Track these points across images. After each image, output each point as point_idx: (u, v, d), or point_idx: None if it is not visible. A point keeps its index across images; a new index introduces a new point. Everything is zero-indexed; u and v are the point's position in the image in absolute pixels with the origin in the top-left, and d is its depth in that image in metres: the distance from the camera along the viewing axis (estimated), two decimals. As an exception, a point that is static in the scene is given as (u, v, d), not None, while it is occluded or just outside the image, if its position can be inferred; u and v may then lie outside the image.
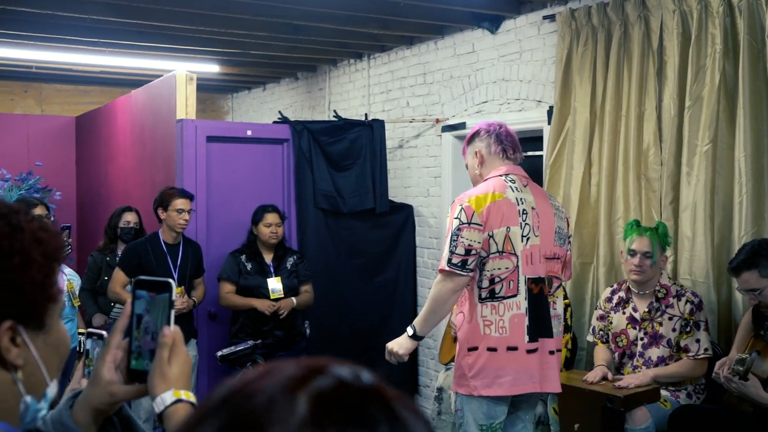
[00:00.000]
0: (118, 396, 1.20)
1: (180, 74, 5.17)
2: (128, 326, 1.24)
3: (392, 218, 5.83)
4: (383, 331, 5.87)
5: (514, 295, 2.96)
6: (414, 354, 6.00)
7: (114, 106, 6.65)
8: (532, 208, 3.05)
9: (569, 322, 4.04)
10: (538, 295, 3.01)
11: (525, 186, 3.12)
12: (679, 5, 3.90)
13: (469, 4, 4.94)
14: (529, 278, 2.99)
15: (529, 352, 2.97)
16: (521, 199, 3.04)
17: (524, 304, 2.97)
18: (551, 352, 3.05)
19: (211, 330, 5.11)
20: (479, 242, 2.93)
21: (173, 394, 1.17)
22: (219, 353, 3.12)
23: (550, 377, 3.05)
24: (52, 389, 1.06)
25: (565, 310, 4.01)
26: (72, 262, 6.21)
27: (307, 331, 4.99)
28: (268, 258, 4.80)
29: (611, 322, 3.80)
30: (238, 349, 3.12)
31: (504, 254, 2.96)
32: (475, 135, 3.23)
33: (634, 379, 3.48)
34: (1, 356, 0.98)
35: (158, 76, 6.69)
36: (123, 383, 1.21)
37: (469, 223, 2.93)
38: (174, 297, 1.24)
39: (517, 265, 2.97)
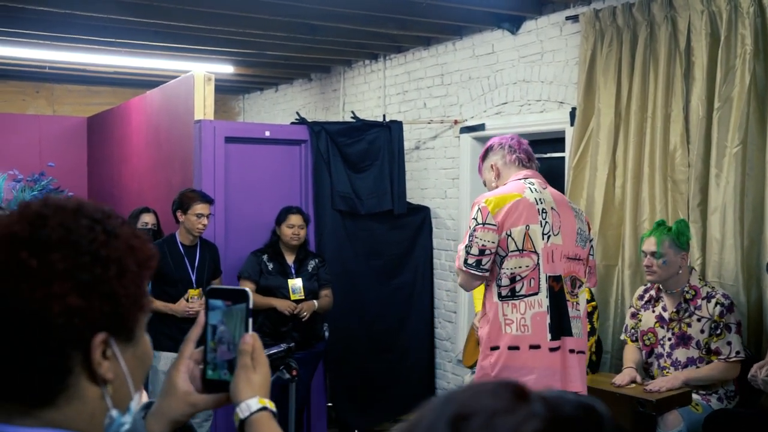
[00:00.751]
0: (199, 406, 1.17)
1: (198, 75, 5.14)
2: (201, 336, 1.22)
3: (409, 220, 5.80)
4: (401, 333, 5.85)
5: (536, 293, 2.96)
6: (431, 356, 6.00)
7: (128, 107, 6.62)
8: (552, 209, 3.06)
9: (595, 325, 4.00)
10: (559, 292, 3.01)
11: (544, 189, 3.13)
12: (707, 6, 3.87)
13: (490, 4, 4.90)
14: (549, 276, 2.99)
15: (551, 350, 2.96)
16: (540, 199, 3.05)
17: (546, 302, 2.97)
18: (571, 351, 3.03)
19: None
20: (494, 242, 2.94)
21: (258, 401, 1.15)
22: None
23: (573, 376, 3.03)
24: (135, 402, 1.02)
25: (591, 314, 3.98)
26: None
27: (326, 334, 4.96)
28: (290, 259, 4.77)
29: (641, 320, 3.78)
30: (271, 352, 3.08)
31: (524, 252, 2.96)
32: (489, 150, 3.27)
33: (664, 382, 3.44)
34: (92, 370, 0.93)
35: (171, 77, 6.68)
36: (199, 392, 1.19)
37: (483, 224, 2.96)
38: (250, 305, 1.22)
39: (538, 263, 2.97)
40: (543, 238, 2.99)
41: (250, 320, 1.21)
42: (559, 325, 2.99)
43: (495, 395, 0.58)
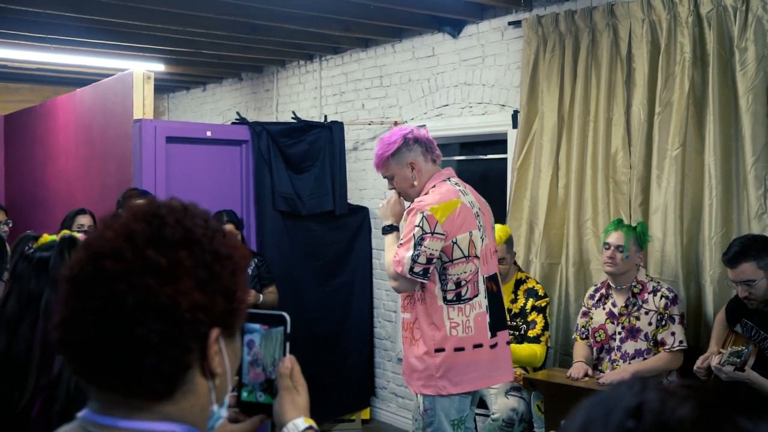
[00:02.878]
0: None
1: (137, 73, 5.03)
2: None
3: (349, 220, 5.82)
4: (341, 333, 5.87)
5: (476, 296, 3.10)
6: (370, 356, 6.04)
7: (54, 105, 6.39)
8: (479, 209, 3.19)
9: (548, 321, 4.14)
10: (495, 292, 3.18)
11: (465, 188, 3.23)
12: (648, 15, 4.05)
13: (433, 8, 4.98)
14: (486, 277, 3.13)
15: (491, 347, 3.12)
16: (471, 202, 3.16)
17: (485, 303, 3.12)
18: (508, 343, 3.25)
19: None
20: (439, 250, 3.02)
21: (305, 421, 1.20)
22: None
23: (508, 367, 3.23)
24: (228, 396, 1.04)
25: (545, 308, 4.11)
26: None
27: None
28: (232, 263, 4.69)
29: (592, 318, 3.93)
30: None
31: (470, 258, 3.08)
32: (403, 146, 3.16)
33: (615, 375, 3.60)
34: (205, 365, 0.95)
35: (98, 75, 6.49)
36: (233, 420, 1.23)
37: (432, 233, 3.00)
38: (288, 329, 1.26)
39: (479, 267, 3.10)
40: (481, 242, 3.13)
41: (288, 344, 1.26)
42: (497, 323, 3.16)
43: (633, 387, 0.63)
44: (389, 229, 3.28)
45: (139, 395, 0.93)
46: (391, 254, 3.14)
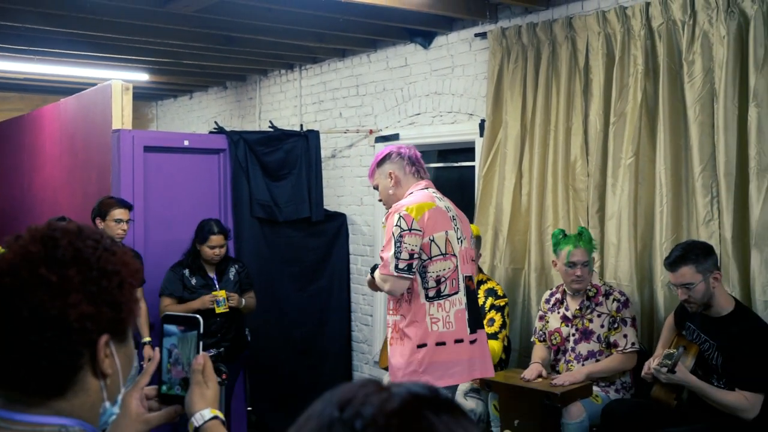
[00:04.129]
0: (151, 423, 1.37)
1: (116, 84, 5.16)
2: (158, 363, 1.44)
3: (326, 227, 5.96)
4: (319, 338, 6.01)
5: (456, 293, 3.24)
6: (348, 358, 6.17)
7: (40, 115, 6.54)
8: (455, 215, 3.36)
9: (506, 320, 4.28)
10: (473, 291, 3.34)
11: (443, 197, 3.40)
12: (603, 28, 4.19)
13: (403, 20, 5.12)
14: (465, 276, 3.29)
15: (471, 342, 3.26)
16: (447, 207, 3.33)
17: (464, 300, 3.26)
18: (488, 341, 3.42)
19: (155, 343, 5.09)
20: (418, 246, 3.17)
21: (211, 411, 1.36)
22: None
23: (488, 363, 3.37)
24: (121, 395, 1.19)
25: (503, 308, 4.26)
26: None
27: (248, 338, 5.05)
28: (211, 271, 4.79)
29: (548, 321, 4.06)
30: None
31: (447, 256, 3.22)
32: (386, 158, 3.42)
33: (568, 376, 3.73)
34: (96, 367, 1.11)
35: (86, 84, 6.63)
36: (155, 409, 1.39)
37: (410, 230, 3.16)
38: (201, 331, 1.44)
39: (457, 265, 3.24)
40: (458, 243, 3.28)
41: (201, 343, 1.43)
42: (475, 320, 3.30)
43: (365, 386, 0.76)
44: (375, 267, 3.44)
45: (36, 393, 1.09)
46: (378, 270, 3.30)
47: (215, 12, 4.74)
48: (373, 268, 3.42)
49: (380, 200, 3.51)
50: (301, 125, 6.13)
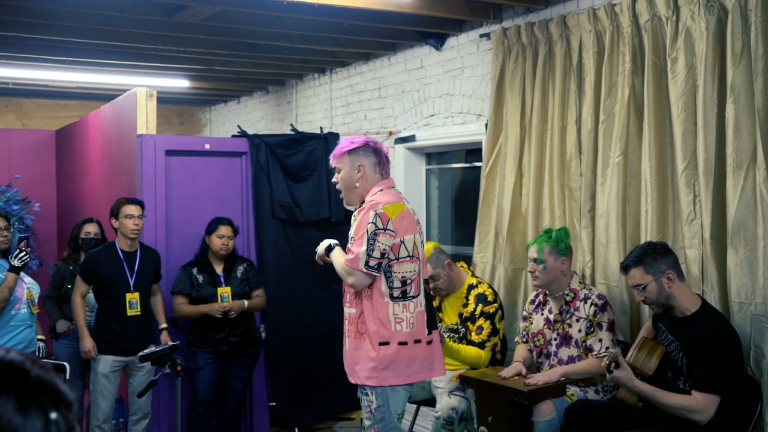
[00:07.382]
0: None
1: (140, 90, 5.42)
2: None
3: (346, 227, 6.03)
4: (341, 335, 6.11)
5: (418, 295, 3.32)
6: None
7: (86, 121, 6.92)
8: (418, 219, 3.43)
9: (497, 326, 4.25)
10: (429, 294, 3.43)
11: (404, 198, 3.46)
12: (594, 25, 4.15)
13: (413, 23, 5.19)
14: (424, 279, 3.36)
15: (428, 343, 3.35)
16: (413, 210, 3.40)
17: (423, 302, 3.35)
18: (440, 341, 3.51)
19: (173, 337, 5.34)
20: (389, 247, 3.23)
21: None
22: (140, 354, 3.39)
23: (441, 363, 3.46)
24: None
25: (493, 315, 4.24)
26: (35, 269, 6.52)
27: (263, 335, 5.22)
28: (219, 268, 5.00)
29: (532, 323, 4.05)
30: (157, 350, 3.39)
31: (413, 258, 3.29)
32: (360, 148, 3.40)
33: (542, 376, 3.72)
34: None
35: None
36: None
37: (384, 229, 3.22)
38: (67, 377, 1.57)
39: (419, 268, 3.31)
40: (421, 246, 3.36)
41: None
42: (431, 321, 3.39)
43: None
44: (333, 247, 3.54)
45: None
46: (341, 257, 3.39)
47: (225, 20, 4.95)
48: (329, 248, 3.50)
49: (335, 183, 3.50)
50: (321, 128, 6.27)
